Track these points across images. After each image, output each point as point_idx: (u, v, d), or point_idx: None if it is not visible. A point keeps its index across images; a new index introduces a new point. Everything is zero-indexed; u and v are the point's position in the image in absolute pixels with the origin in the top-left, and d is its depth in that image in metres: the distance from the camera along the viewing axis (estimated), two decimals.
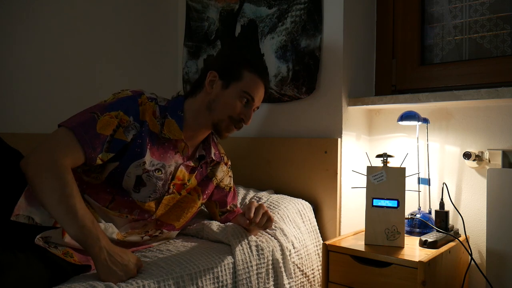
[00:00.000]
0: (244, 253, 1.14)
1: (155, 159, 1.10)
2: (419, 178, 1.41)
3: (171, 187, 1.16)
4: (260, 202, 1.40)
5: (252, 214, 1.16)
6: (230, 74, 1.16)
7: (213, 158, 1.24)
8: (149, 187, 1.10)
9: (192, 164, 1.20)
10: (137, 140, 1.07)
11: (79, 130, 0.99)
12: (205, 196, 1.28)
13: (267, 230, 1.28)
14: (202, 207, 1.36)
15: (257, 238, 1.21)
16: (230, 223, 1.26)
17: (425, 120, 1.39)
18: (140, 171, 1.08)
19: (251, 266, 1.13)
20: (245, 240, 1.17)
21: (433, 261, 1.12)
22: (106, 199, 1.07)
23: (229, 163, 1.36)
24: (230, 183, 1.34)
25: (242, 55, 1.28)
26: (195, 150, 1.23)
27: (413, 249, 1.20)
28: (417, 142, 1.43)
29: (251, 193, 1.50)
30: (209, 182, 1.28)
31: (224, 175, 1.32)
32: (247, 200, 1.45)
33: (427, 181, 1.40)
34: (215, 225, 1.26)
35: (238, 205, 1.42)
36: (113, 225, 1.08)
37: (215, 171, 1.29)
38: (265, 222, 1.19)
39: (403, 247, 1.22)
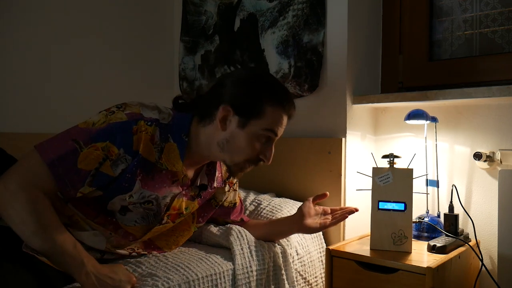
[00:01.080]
0: (245, 258, 1.12)
1: (147, 190, 0.99)
2: (427, 179, 1.39)
3: (165, 218, 1.06)
4: (261, 206, 1.37)
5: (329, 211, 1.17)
6: (249, 111, 0.98)
7: (215, 186, 1.14)
8: (136, 214, 1.01)
9: (191, 193, 1.09)
10: (126, 175, 0.95)
11: (55, 166, 0.88)
12: (200, 220, 1.19)
13: None
14: None
15: (259, 242, 1.19)
16: (231, 225, 1.23)
17: (434, 119, 1.37)
18: (125, 203, 0.99)
19: (251, 271, 1.12)
20: (246, 243, 1.16)
21: (442, 267, 1.10)
22: (91, 214, 1.00)
23: (234, 181, 1.23)
24: (235, 199, 1.26)
25: (263, 83, 1.05)
26: (196, 176, 1.11)
27: (421, 254, 1.19)
28: (425, 142, 1.41)
29: (251, 196, 1.48)
30: (208, 205, 1.19)
31: (227, 195, 1.23)
32: (247, 204, 1.43)
33: (435, 183, 1.39)
34: (214, 227, 1.24)
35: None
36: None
37: (216, 195, 1.20)
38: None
39: (411, 252, 1.20)
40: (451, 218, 1.29)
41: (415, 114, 1.32)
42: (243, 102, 0.99)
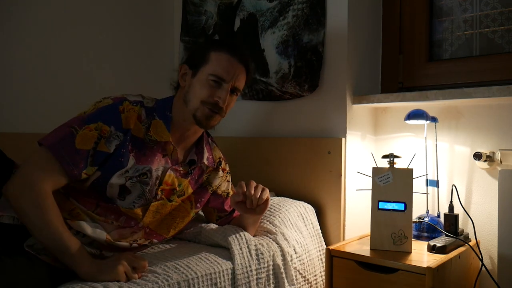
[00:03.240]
0: (244, 257, 1.13)
1: (140, 165, 1.07)
2: (427, 179, 1.39)
3: (159, 192, 1.11)
4: None
5: (244, 188, 1.12)
6: (198, 61, 1.12)
7: (205, 163, 1.19)
8: (134, 194, 1.07)
9: (181, 169, 1.15)
10: (120, 150, 1.04)
11: (57, 148, 0.98)
12: (198, 205, 1.23)
13: (268, 234, 1.26)
14: (200, 212, 1.32)
15: (258, 241, 1.19)
16: (229, 225, 1.24)
17: (434, 119, 1.37)
18: (123, 180, 1.05)
19: (251, 271, 1.12)
20: (245, 243, 1.16)
21: (442, 267, 1.10)
22: (92, 203, 1.05)
23: (227, 168, 1.31)
24: (228, 189, 1.30)
25: (210, 40, 1.25)
26: (187, 155, 1.18)
27: (421, 254, 1.19)
28: (425, 142, 1.41)
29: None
30: (203, 190, 1.23)
31: (221, 181, 1.27)
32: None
33: (435, 183, 1.39)
34: (213, 227, 1.24)
35: None
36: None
37: (210, 179, 1.24)
38: (261, 193, 1.13)
39: (411, 252, 1.20)
40: (451, 218, 1.29)
41: (415, 114, 1.32)
42: (194, 56, 1.15)
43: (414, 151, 1.43)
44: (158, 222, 1.14)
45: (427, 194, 1.39)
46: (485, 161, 1.31)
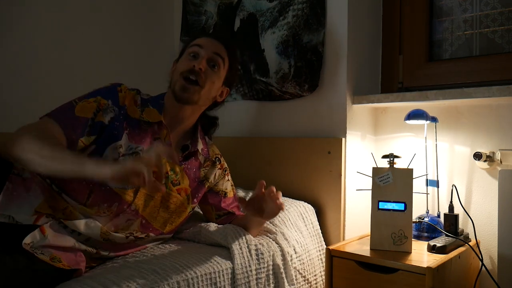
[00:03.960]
0: (244, 257, 1.12)
1: (133, 143, 1.10)
2: (427, 179, 1.39)
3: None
4: None
5: (263, 189, 1.13)
6: (182, 51, 1.21)
7: (199, 151, 1.21)
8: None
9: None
10: (114, 123, 1.08)
11: (56, 114, 1.04)
12: (195, 200, 1.23)
13: (268, 234, 1.25)
14: (197, 208, 1.31)
15: (257, 241, 1.19)
16: (229, 225, 1.23)
17: (434, 119, 1.37)
18: (116, 154, 1.07)
19: (251, 271, 1.12)
20: (245, 243, 1.15)
21: (442, 267, 1.10)
22: (84, 192, 1.04)
23: (225, 165, 1.31)
24: (227, 188, 1.29)
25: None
26: (181, 143, 1.20)
27: (421, 254, 1.19)
28: (425, 142, 1.41)
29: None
30: (201, 185, 1.23)
31: (218, 179, 1.27)
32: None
33: (435, 183, 1.38)
34: (213, 226, 1.24)
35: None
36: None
37: (208, 174, 1.25)
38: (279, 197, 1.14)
39: (411, 252, 1.20)
40: (451, 218, 1.29)
41: (415, 114, 1.32)
42: (180, 51, 1.22)
43: (414, 151, 1.43)
44: (153, 215, 1.13)
45: (427, 194, 1.38)
46: (485, 161, 1.31)
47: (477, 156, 1.30)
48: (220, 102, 1.25)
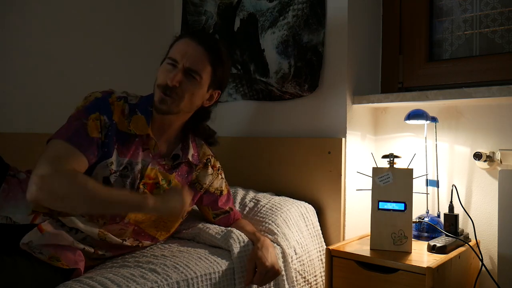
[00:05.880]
0: (244, 260, 1.12)
1: (122, 158, 1.08)
2: (427, 179, 1.39)
3: (141, 186, 1.10)
4: (260, 204, 1.36)
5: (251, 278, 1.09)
6: (166, 55, 1.15)
7: (190, 159, 1.19)
8: (116, 187, 1.07)
9: (164, 162, 1.15)
10: (105, 140, 1.06)
11: (73, 140, 1.00)
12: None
13: (268, 235, 1.25)
14: (195, 206, 1.31)
15: None
16: (231, 228, 1.22)
17: (434, 119, 1.37)
18: (107, 172, 1.06)
19: None
20: (246, 246, 1.15)
21: (442, 267, 1.10)
22: None
23: (218, 165, 1.29)
24: (221, 186, 1.28)
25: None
26: (171, 149, 1.18)
27: (421, 255, 1.19)
28: (425, 142, 1.41)
29: (251, 194, 1.47)
30: (193, 189, 1.22)
31: (212, 179, 1.26)
32: (246, 201, 1.42)
33: (435, 183, 1.38)
34: (213, 229, 1.23)
35: (237, 206, 1.37)
36: None
37: (200, 177, 1.24)
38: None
39: (411, 252, 1.20)
40: (451, 218, 1.29)
41: (415, 114, 1.32)
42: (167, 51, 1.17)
43: (414, 151, 1.43)
44: (145, 220, 1.12)
45: (427, 194, 1.38)
46: (485, 161, 1.31)
47: (477, 156, 1.30)
48: (208, 106, 1.20)
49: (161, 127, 1.14)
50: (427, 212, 1.38)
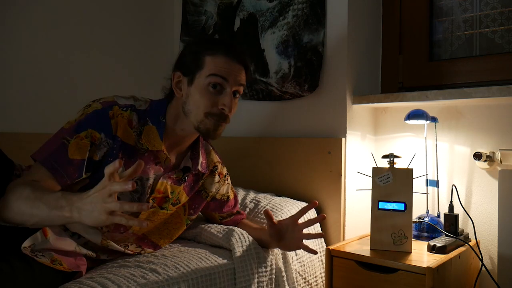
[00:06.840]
0: (245, 260, 1.12)
1: None
2: (427, 179, 1.39)
3: (151, 201, 1.07)
4: (261, 204, 1.36)
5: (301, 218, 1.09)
6: (192, 67, 1.03)
7: (200, 169, 1.14)
8: (123, 200, 1.02)
9: (174, 176, 1.11)
10: (108, 158, 0.99)
11: (49, 162, 0.94)
12: (192, 212, 1.20)
13: None
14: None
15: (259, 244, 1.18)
16: (233, 227, 1.22)
17: (434, 119, 1.37)
18: None
19: (252, 273, 1.11)
20: (248, 246, 1.14)
21: (442, 267, 1.10)
22: None
23: (225, 171, 1.26)
24: (228, 192, 1.27)
25: (201, 40, 1.15)
26: (181, 159, 1.14)
27: (421, 254, 1.19)
28: (425, 142, 1.40)
29: (251, 195, 1.47)
30: (198, 196, 1.20)
31: (219, 186, 1.24)
32: (247, 201, 1.42)
33: (435, 183, 1.38)
34: (214, 228, 1.23)
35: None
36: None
37: (206, 185, 1.21)
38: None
39: (411, 252, 1.20)
40: (451, 218, 1.28)
41: (415, 114, 1.32)
42: (186, 61, 1.05)
43: (414, 151, 1.43)
44: (150, 230, 1.11)
45: (427, 194, 1.38)
46: (485, 161, 1.31)
47: (477, 156, 1.30)
48: None
49: (176, 142, 1.09)
50: (427, 212, 1.38)
